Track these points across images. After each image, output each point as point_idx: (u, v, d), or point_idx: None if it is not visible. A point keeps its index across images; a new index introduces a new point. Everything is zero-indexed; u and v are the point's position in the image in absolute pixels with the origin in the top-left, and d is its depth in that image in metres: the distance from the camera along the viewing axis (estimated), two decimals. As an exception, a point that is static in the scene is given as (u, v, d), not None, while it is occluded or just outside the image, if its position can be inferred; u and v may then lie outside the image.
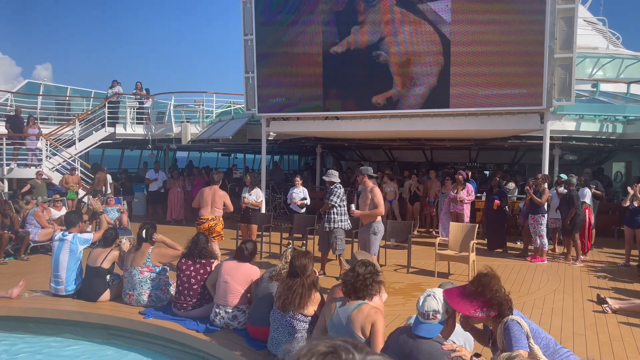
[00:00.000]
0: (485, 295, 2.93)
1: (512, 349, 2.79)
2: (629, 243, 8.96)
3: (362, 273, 3.61)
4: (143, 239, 6.05)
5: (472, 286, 3.00)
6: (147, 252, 5.97)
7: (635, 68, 15.55)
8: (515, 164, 16.21)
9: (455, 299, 2.96)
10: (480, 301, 2.92)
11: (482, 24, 9.27)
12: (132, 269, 5.90)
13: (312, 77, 10.79)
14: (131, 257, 6.00)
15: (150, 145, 16.21)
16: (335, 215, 7.54)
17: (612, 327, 5.62)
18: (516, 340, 2.84)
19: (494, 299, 2.92)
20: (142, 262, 5.91)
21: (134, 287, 5.87)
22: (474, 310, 2.93)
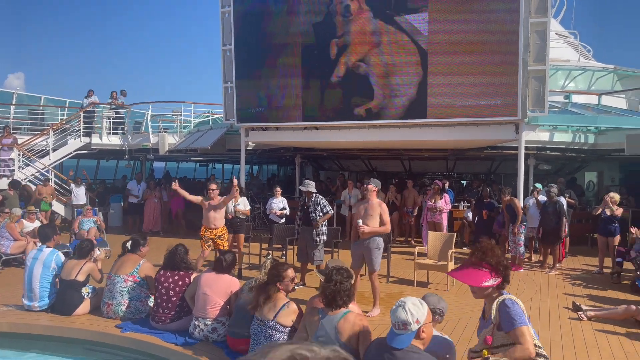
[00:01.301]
0: (489, 262, 2.95)
1: (514, 325, 2.82)
2: (602, 251, 9.17)
3: (340, 280, 3.62)
4: (128, 249, 6.00)
5: (473, 257, 3.02)
6: (138, 263, 5.91)
7: (605, 80, 16.03)
8: (492, 174, 16.47)
9: (463, 275, 3.00)
10: (486, 270, 2.95)
11: (458, 37, 9.44)
12: (117, 276, 5.81)
13: (292, 88, 10.82)
14: (118, 264, 5.92)
15: (126, 156, 15.99)
16: (323, 227, 7.55)
17: (588, 334, 5.72)
18: (519, 317, 2.85)
19: (499, 264, 2.96)
20: (129, 271, 5.83)
21: (114, 296, 5.76)
22: (484, 280, 2.94)
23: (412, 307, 2.82)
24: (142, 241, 6.09)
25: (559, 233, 9.06)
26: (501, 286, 3.00)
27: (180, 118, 15.50)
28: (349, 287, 3.65)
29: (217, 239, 7.68)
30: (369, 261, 6.36)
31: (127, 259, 5.94)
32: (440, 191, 10.71)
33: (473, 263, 3.02)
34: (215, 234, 7.67)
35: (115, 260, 6.17)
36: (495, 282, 2.96)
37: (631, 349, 5.24)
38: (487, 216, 9.88)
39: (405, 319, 2.79)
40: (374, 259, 6.33)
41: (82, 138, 15.16)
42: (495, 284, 2.96)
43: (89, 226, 10.25)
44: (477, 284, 2.96)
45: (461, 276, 3.03)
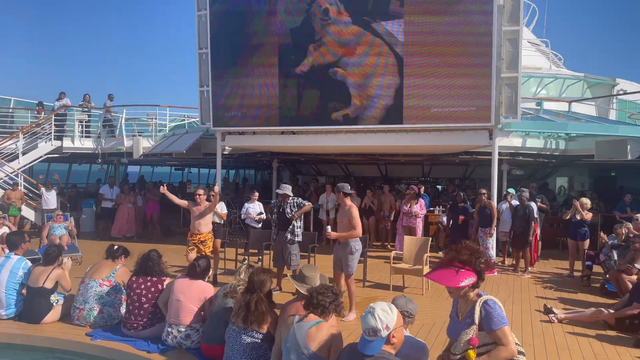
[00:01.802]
0: (463, 261, 2.97)
1: (497, 326, 2.88)
2: (572, 255, 9.38)
3: (325, 294, 3.64)
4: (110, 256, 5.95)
5: (449, 259, 3.04)
6: (115, 268, 5.85)
7: (576, 87, 16.43)
8: (466, 179, 16.69)
9: (439, 276, 3.02)
10: (461, 270, 2.97)
11: (434, 44, 9.56)
12: (91, 280, 5.72)
13: (268, 92, 10.79)
14: (93, 269, 5.83)
15: (99, 160, 15.70)
16: (297, 229, 7.54)
17: (559, 336, 5.83)
18: (501, 317, 2.93)
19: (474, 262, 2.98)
20: (105, 276, 5.75)
21: (87, 301, 5.64)
22: (460, 281, 2.96)
23: (381, 313, 2.81)
24: (124, 253, 6.11)
25: (527, 237, 9.23)
26: (477, 285, 3.02)
27: (156, 122, 15.31)
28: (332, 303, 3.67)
29: (200, 244, 7.68)
30: (344, 265, 6.39)
31: (104, 264, 5.87)
32: (416, 196, 10.81)
33: (447, 263, 3.04)
34: (199, 238, 7.70)
35: (91, 266, 6.05)
36: (472, 281, 2.98)
37: (600, 351, 5.36)
38: (463, 221, 10.00)
39: (375, 326, 2.78)
40: (348, 263, 6.37)
41: (53, 141, 14.83)
42: (471, 283, 2.98)
43: (60, 232, 10.01)
44: (454, 285, 2.98)
45: (437, 277, 3.05)
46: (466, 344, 2.92)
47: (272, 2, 10.49)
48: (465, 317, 3.04)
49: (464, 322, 3.04)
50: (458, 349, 2.95)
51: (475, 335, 2.92)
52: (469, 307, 3.03)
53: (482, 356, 2.90)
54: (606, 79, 17.26)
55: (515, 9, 9.26)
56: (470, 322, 2.98)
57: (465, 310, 3.06)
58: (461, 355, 2.93)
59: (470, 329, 2.94)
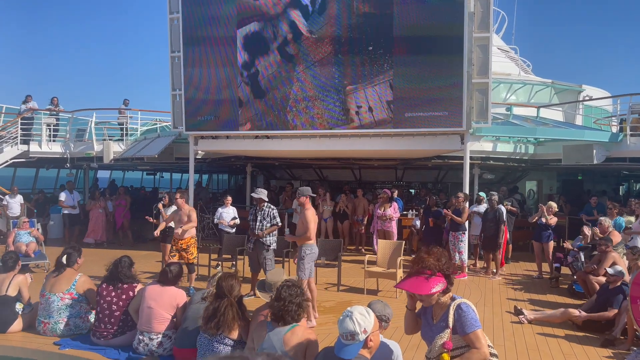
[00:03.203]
0: (431, 267, 2.99)
1: (471, 329, 2.90)
2: (538, 257, 9.61)
3: (288, 297, 3.57)
4: (63, 264, 5.68)
5: (417, 266, 3.05)
6: (74, 279, 5.60)
7: (544, 93, 16.87)
8: (439, 183, 16.91)
9: (410, 286, 3.02)
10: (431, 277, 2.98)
11: (407, 53, 9.65)
12: (51, 294, 5.50)
13: (242, 96, 10.73)
14: (51, 282, 5.60)
15: (68, 164, 15.32)
16: (270, 238, 7.50)
17: (529, 337, 5.95)
18: (474, 320, 2.95)
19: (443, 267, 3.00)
20: (66, 289, 5.54)
21: (50, 315, 5.46)
22: (431, 287, 2.97)
23: (359, 317, 2.81)
24: (77, 253, 5.83)
25: (497, 239, 9.39)
26: (447, 289, 3.06)
27: (127, 126, 15.05)
28: (299, 302, 3.60)
29: (182, 251, 7.71)
30: (297, 268, 6.47)
31: (62, 276, 5.62)
32: (389, 200, 10.89)
33: (416, 272, 3.07)
34: (180, 245, 7.74)
35: (47, 276, 5.84)
36: (442, 287, 3.02)
37: (569, 351, 5.49)
38: (434, 224, 10.12)
39: (353, 330, 2.78)
40: (298, 266, 6.46)
41: (19, 145, 14.42)
42: (442, 288, 3.02)
43: (26, 239, 9.71)
44: (426, 292, 3.00)
45: (409, 287, 3.06)
46: (440, 347, 2.95)
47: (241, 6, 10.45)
48: (439, 321, 3.07)
49: (438, 325, 3.07)
50: (433, 353, 2.97)
51: (449, 339, 2.95)
52: (443, 311, 3.06)
53: (455, 359, 2.93)
54: (573, 85, 17.78)
55: (485, 16, 9.44)
56: (444, 325, 3.01)
57: (440, 313, 3.09)
58: (436, 359, 2.95)
59: (445, 332, 2.97)
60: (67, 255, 5.74)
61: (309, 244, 6.47)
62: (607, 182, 19.93)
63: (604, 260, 7.35)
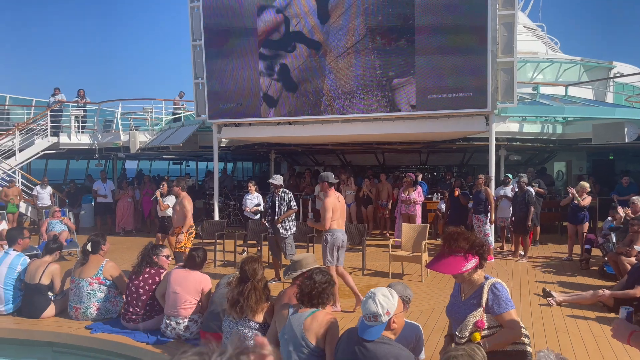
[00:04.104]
0: (462, 247, 2.97)
1: (505, 309, 2.89)
2: (571, 238, 9.40)
3: (319, 281, 3.58)
4: (88, 252, 5.83)
5: (447, 247, 3.03)
6: (100, 264, 5.78)
7: (572, 71, 16.37)
8: (464, 165, 16.67)
9: (441, 266, 3.01)
10: (462, 255, 2.97)
11: (430, 33, 9.47)
12: (81, 280, 5.67)
13: (264, 82, 10.73)
14: (79, 269, 5.77)
15: (97, 155, 15.66)
16: (288, 224, 7.53)
17: (558, 319, 5.84)
18: (509, 300, 2.94)
19: (473, 245, 2.97)
20: (93, 274, 5.70)
21: (81, 300, 5.63)
22: (462, 266, 2.96)
23: (382, 298, 2.80)
24: (102, 240, 5.98)
25: (527, 222, 9.23)
26: (480, 265, 3.03)
27: (152, 115, 15.26)
28: (326, 291, 3.60)
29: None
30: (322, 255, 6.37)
31: (89, 262, 5.79)
32: (413, 183, 10.80)
33: (447, 252, 3.04)
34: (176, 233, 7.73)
35: (75, 263, 6.02)
36: (474, 263, 2.98)
37: (600, 332, 5.38)
38: (461, 207, 10.00)
39: (376, 311, 2.78)
40: (322, 253, 6.35)
41: (49, 137, 14.79)
42: (474, 265, 2.99)
43: (59, 228, 10.00)
44: (458, 271, 2.99)
45: (439, 267, 3.03)
46: (473, 326, 2.93)
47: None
48: (469, 298, 3.04)
49: (468, 303, 3.04)
50: (465, 332, 2.95)
51: (482, 318, 2.93)
52: (475, 289, 3.04)
53: (488, 337, 2.90)
54: (603, 62, 17.20)
55: (509, -7, 9.17)
56: (476, 303, 2.99)
57: (470, 291, 3.06)
58: (467, 338, 2.93)
59: (477, 311, 2.95)
60: (92, 242, 5.90)
61: (332, 229, 6.32)
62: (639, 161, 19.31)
63: (636, 241, 7.15)
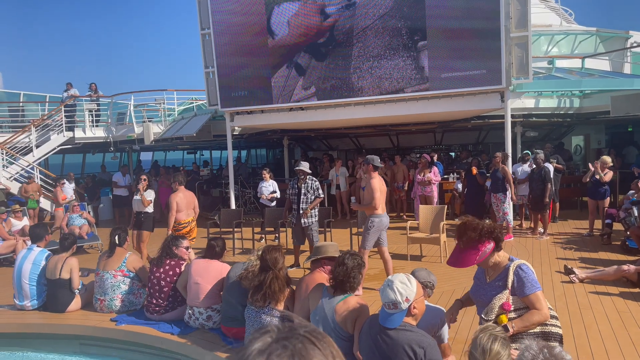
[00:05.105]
0: (473, 237, 2.95)
1: (531, 290, 2.88)
2: (592, 214, 9.26)
3: (351, 266, 3.60)
4: (116, 244, 5.91)
5: (462, 242, 3.02)
6: (124, 257, 5.85)
7: (588, 43, 15.98)
8: (480, 144, 16.49)
9: (459, 262, 3.01)
10: (475, 246, 2.96)
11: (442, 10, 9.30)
12: (105, 272, 5.76)
13: (275, 69, 10.67)
14: (104, 261, 5.86)
15: (112, 148, 15.81)
16: (315, 210, 7.54)
17: (581, 296, 5.78)
18: (535, 282, 2.93)
19: (483, 232, 2.96)
20: (117, 266, 5.78)
21: (106, 292, 5.72)
22: (477, 256, 2.95)
23: (400, 285, 2.77)
24: (124, 234, 6.05)
25: (544, 198, 9.10)
26: (498, 247, 3.00)
27: (164, 107, 15.31)
28: (357, 275, 3.62)
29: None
30: (362, 238, 6.38)
31: (114, 254, 5.87)
32: (428, 164, 10.70)
33: (460, 246, 3.03)
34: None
35: (100, 256, 6.09)
36: (490, 249, 2.95)
37: (624, 308, 5.31)
38: (478, 187, 9.89)
39: (394, 299, 2.76)
40: (363, 237, 6.37)
41: (65, 132, 14.94)
42: (490, 251, 2.96)
43: (79, 222, 10.16)
44: (474, 262, 2.99)
45: (457, 263, 3.03)
46: (500, 308, 2.91)
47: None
48: (495, 280, 3.03)
49: (493, 285, 3.03)
50: (490, 314, 2.93)
51: (508, 300, 2.91)
52: (500, 271, 3.02)
53: (514, 319, 2.88)
54: (619, 32, 16.73)
55: (522, -36, 8.93)
56: (501, 285, 2.97)
57: (495, 273, 3.04)
58: (494, 321, 2.91)
59: (503, 293, 2.93)
60: (119, 235, 5.97)
61: (377, 213, 6.28)
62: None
63: (660, 214, 7.02)
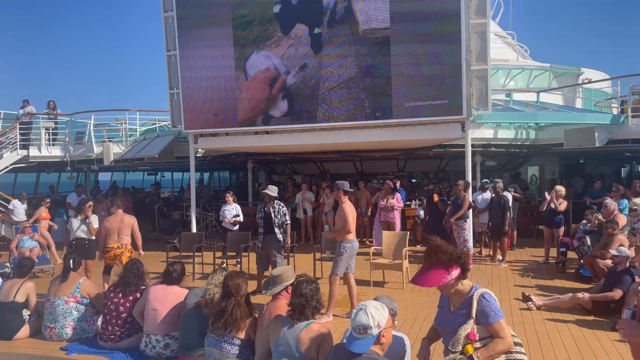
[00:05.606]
0: (443, 259, 2.96)
1: (495, 319, 2.91)
2: (548, 242, 9.56)
3: (309, 294, 3.55)
4: (70, 268, 5.65)
5: (427, 261, 3.03)
6: (77, 282, 5.59)
7: (543, 78, 16.75)
8: (441, 172, 16.84)
9: (424, 280, 3.00)
10: (442, 268, 2.96)
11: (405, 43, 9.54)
12: (56, 298, 5.49)
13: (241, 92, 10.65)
14: (56, 286, 5.58)
15: (69, 167, 15.29)
16: (282, 235, 7.47)
17: (538, 323, 5.91)
18: (498, 310, 2.96)
19: (452, 257, 2.97)
20: (69, 292, 5.52)
21: (57, 319, 5.44)
22: (443, 278, 2.95)
23: (373, 310, 2.76)
24: (79, 258, 5.82)
25: (503, 227, 9.35)
26: (463, 276, 3.03)
27: (125, 127, 14.99)
28: (318, 299, 3.59)
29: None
30: (334, 264, 6.44)
31: (66, 279, 5.61)
32: (391, 191, 10.85)
33: (428, 266, 3.04)
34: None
35: (51, 281, 5.82)
36: (456, 274, 2.98)
37: (579, 336, 5.45)
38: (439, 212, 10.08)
39: (367, 323, 2.73)
40: (334, 262, 6.41)
41: (19, 150, 14.37)
42: (456, 276, 2.98)
43: (30, 244, 9.69)
44: (439, 283, 2.99)
45: (422, 281, 3.03)
46: (465, 338, 2.92)
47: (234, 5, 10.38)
48: (459, 308, 3.04)
49: (457, 313, 3.04)
50: (457, 346, 2.93)
51: (473, 330, 2.92)
52: (463, 299, 3.04)
53: (480, 349, 2.89)
54: (571, 68, 17.65)
55: (482, 2, 9.33)
56: (466, 313, 2.99)
57: (459, 301, 3.06)
58: (460, 352, 2.92)
59: (468, 323, 2.94)
60: (74, 259, 5.73)
61: (349, 239, 6.32)
62: (609, 164, 19.82)
63: (611, 243, 7.29)
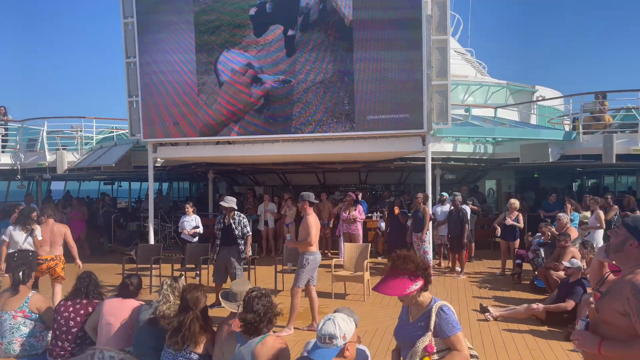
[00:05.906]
0: (408, 269, 2.96)
1: (452, 332, 2.92)
2: (504, 254, 9.81)
3: (261, 311, 3.47)
4: (19, 281, 5.36)
5: (392, 270, 3.02)
6: (26, 296, 5.29)
7: (500, 94, 17.30)
8: (402, 184, 17.06)
9: (386, 288, 2.99)
10: (407, 278, 2.96)
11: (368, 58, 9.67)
12: (4, 313, 5.18)
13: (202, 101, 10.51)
14: (3, 300, 5.27)
15: (19, 176, 14.65)
16: (243, 246, 7.35)
17: (495, 334, 6.02)
18: (456, 323, 2.97)
19: (418, 267, 2.97)
20: (17, 306, 5.22)
21: (4, 335, 5.13)
22: (407, 287, 2.94)
23: (341, 321, 2.75)
24: (29, 270, 5.53)
25: (462, 239, 9.54)
26: (425, 287, 3.04)
27: (81, 134, 14.51)
28: (271, 313, 3.51)
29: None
30: (295, 276, 6.38)
31: (16, 293, 5.33)
32: (354, 203, 10.90)
33: (392, 274, 3.03)
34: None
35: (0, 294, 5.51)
36: (419, 285, 2.99)
37: (534, 346, 5.58)
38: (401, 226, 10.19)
39: (333, 332, 2.71)
40: (296, 274, 6.37)
41: (-35, 158, 13.70)
42: (419, 287, 2.99)
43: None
44: (402, 293, 2.98)
45: (385, 289, 3.02)
46: (423, 351, 2.92)
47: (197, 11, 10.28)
48: (417, 320, 3.04)
49: (416, 325, 3.04)
50: (415, 357, 2.93)
51: (431, 342, 2.92)
52: (422, 312, 3.04)
53: None
54: (526, 86, 18.32)
55: (442, 19, 9.58)
56: (424, 325, 2.99)
57: (418, 313, 3.06)
58: None
59: (426, 335, 2.94)
60: (23, 272, 5.44)
61: (311, 251, 6.31)
62: (561, 179, 20.61)
63: (563, 255, 7.54)
